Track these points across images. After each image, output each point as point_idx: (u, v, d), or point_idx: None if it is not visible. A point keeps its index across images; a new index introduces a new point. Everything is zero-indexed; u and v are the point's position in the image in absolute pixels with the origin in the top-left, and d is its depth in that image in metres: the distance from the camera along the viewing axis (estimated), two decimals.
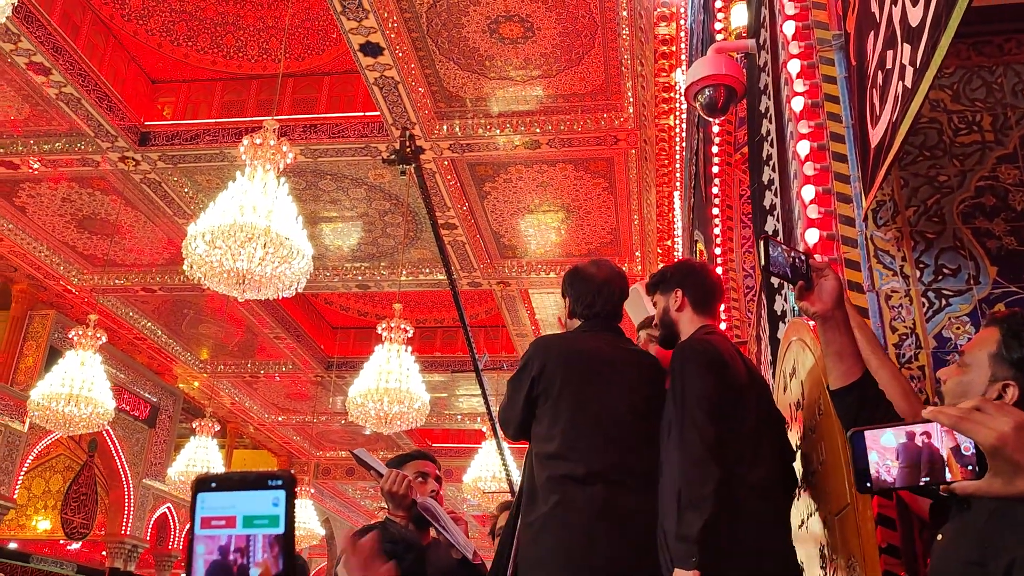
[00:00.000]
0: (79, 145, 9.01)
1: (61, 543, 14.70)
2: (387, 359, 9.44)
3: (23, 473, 11.98)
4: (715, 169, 5.15)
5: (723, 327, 4.01)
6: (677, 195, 8.65)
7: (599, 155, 9.10)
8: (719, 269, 4.92)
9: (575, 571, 2.18)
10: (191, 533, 0.80)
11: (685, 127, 7.44)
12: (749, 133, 3.96)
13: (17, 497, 11.92)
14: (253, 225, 6.22)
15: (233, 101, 9.02)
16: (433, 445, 18.66)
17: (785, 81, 2.78)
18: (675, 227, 9.04)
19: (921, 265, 2.35)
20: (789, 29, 2.74)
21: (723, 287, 2.59)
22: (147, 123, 9.06)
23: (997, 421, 1.05)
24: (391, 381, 9.28)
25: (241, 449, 18.72)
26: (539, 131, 8.63)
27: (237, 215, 6.24)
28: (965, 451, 1.10)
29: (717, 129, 5.15)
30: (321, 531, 17.51)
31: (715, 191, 5.13)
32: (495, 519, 4.58)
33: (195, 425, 14.17)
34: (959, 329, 2.26)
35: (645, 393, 2.39)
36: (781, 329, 2.93)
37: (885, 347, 2.18)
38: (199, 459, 13.50)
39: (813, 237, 2.40)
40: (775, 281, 3.09)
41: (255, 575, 0.77)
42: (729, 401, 2.14)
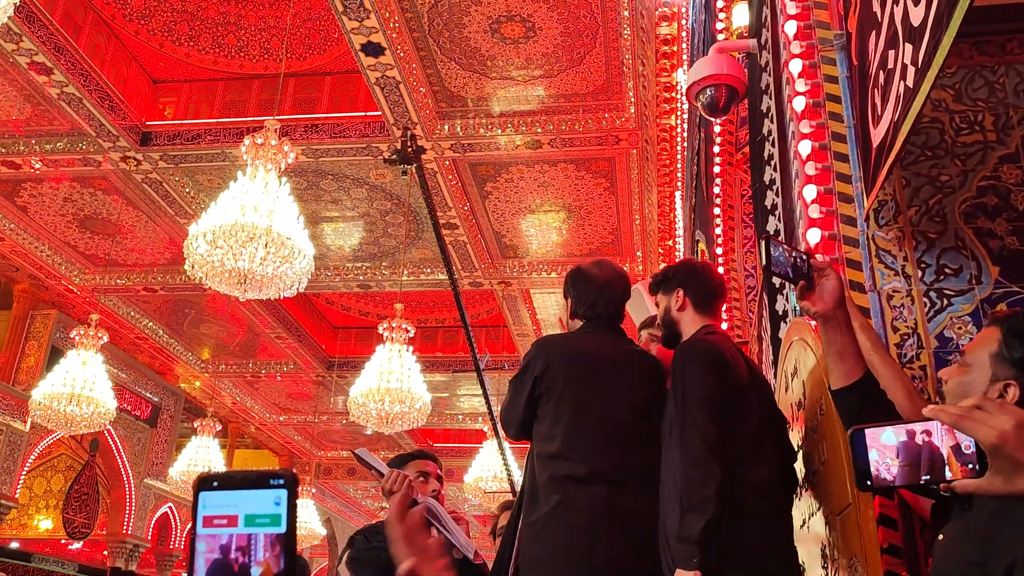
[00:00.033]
0: (81, 145, 9.02)
1: (62, 543, 14.70)
2: (388, 359, 9.45)
3: (25, 473, 11.99)
4: (716, 169, 5.15)
5: (724, 327, 4.01)
6: (678, 195, 8.64)
7: (600, 155, 9.10)
8: (720, 269, 4.91)
9: (575, 571, 2.18)
10: (193, 532, 0.80)
11: (686, 127, 7.43)
12: (750, 133, 3.96)
13: (19, 497, 11.93)
14: (254, 225, 6.23)
15: (234, 101, 9.02)
16: (434, 445, 18.65)
17: (787, 81, 2.78)
18: (676, 227, 9.03)
19: (923, 265, 2.35)
20: (791, 29, 2.74)
21: (725, 287, 2.59)
22: (149, 123, 9.07)
23: (998, 419, 1.05)
24: (392, 381, 9.29)
25: (242, 449, 18.72)
26: (540, 131, 8.63)
27: (238, 215, 6.25)
28: (965, 449, 1.10)
29: (718, 129, 5.15)
30: (322, 531, 17.51)
31: (716, 191, 5.13)
32: (496, 519, 4.57)
33: (196, 425, 14.21)
34: (961, 329, 2.26)
35: (646, 393, 2.39)
36: (783, 329, 2.93)
37: (886, 347, 2.18)
38: (200, 459, 13.53)
39: (815, 237, 2.40)
40: (776, 281, 3.09)
41: (256, 574, 0.77)
42: (731, 401, 2.14)
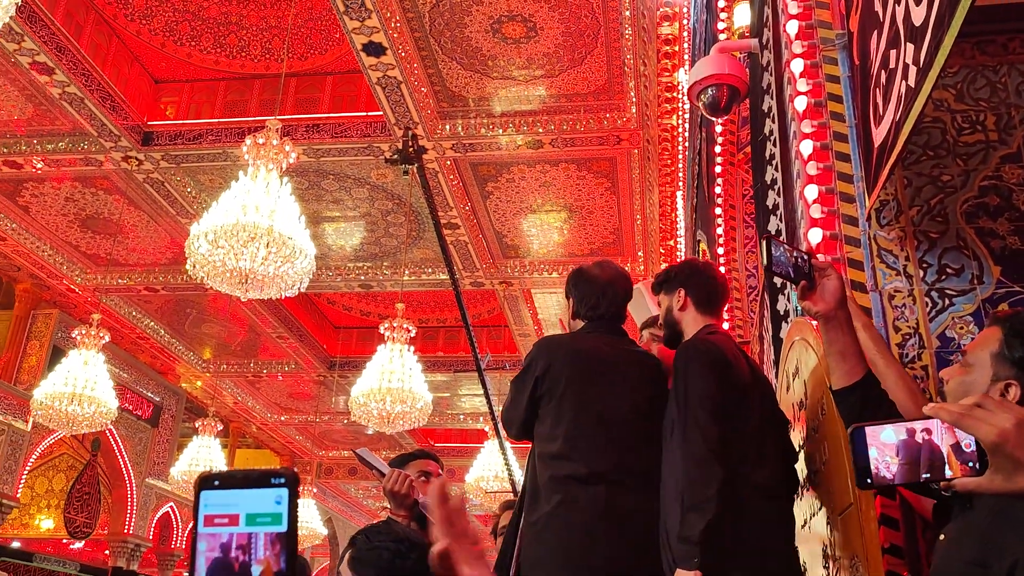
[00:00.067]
0: (82, 145, 9.02)
1: (64, 542, 14.71)
2: (390, 359, 9.45)
3: (26, 472, 12.01)
4: (718, 169, 5.15)
5: (726, 327, 4.00)
6: (680, 195, 8.64)
7: (602, 155, 9.09)
8: (722, 269, 4.90)
9: (575, 570, 2.18)
10: (194, 530, 0.80)
11: (688, 127, 7.42)
12: (752, 132, 3.95)
13: (20, 496, 11.94)
14: (256, 225, 6.23)
15: (236, 101, 9.02)
16: (436, 445, 18.65)
17: (788, 80, 2.78)
18: (678, 227, 9.02)
19: (924, 265, 2.35)
20: (792, 28, 2.74)
21: (728, 287, 2.58)
22: (150, 123, 9.08)
23: (998, 417, 1.05)
24: (394, 381, 9.29)
25: (244, 448, 18.74)
26: (542, 131, 8.63)
27: (240, 215, 6.25)
28: (966, 448, 1.10)
29: (720, 129, 5.14)
30: (324, 531, 17.52)
31: (718, 191, 5.12)
32: (497, 518, 4.57)
33: (198, 424, 14.21)
34: (962, 329, 2.25)
35: (648, 393, 2.39)
36: (784, 329, 2.93)
37: (888, 347, 2.18)
38: (202, 458, 13.54)
39: (816, 237, 2.39)
40: (778, 281, 3.08)
41: (256, 572, 0.77)
42: (733, 401, 2.14)
